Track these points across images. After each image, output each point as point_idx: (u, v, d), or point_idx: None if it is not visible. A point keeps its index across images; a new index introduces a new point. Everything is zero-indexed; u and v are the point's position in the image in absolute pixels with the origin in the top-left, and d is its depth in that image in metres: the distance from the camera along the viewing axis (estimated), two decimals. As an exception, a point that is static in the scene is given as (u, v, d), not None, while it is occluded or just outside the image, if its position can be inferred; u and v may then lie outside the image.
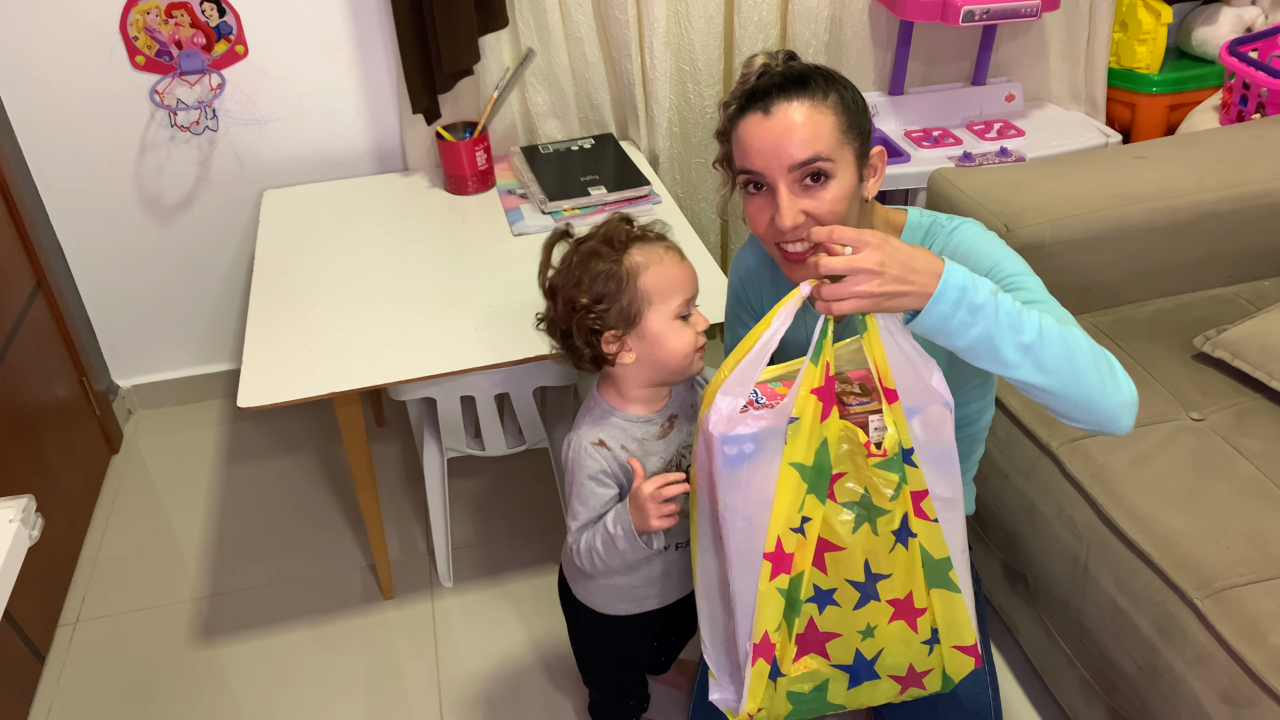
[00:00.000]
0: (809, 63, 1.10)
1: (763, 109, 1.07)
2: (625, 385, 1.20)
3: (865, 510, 1.02)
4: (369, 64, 2.09)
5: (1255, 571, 1.25)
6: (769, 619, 1.04)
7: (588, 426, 1.21)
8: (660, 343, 1.15)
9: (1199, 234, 1.73)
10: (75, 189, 2.09)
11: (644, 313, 1.14)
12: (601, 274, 1.13)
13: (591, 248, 1.15)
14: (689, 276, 1.17)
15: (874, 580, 1.05)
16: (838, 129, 1.06)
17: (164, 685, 1.76)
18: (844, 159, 1.07)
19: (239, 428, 2.36)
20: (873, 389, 1.01)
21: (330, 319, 1.64)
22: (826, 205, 1.08)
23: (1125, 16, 2.40)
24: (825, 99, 1.06)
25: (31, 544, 1.01)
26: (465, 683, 1.74)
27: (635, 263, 1.13)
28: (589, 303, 1.13)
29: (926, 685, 1.13)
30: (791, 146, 1.06)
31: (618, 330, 1.14)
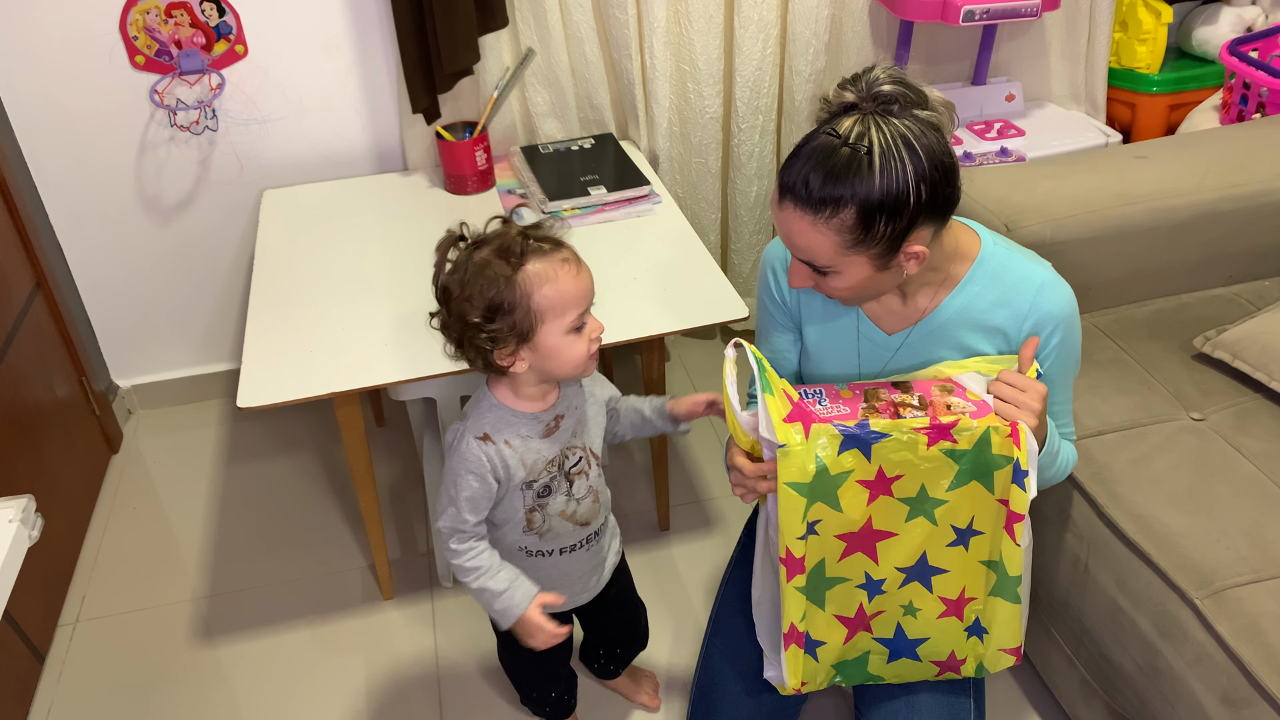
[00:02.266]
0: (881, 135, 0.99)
1: (779, 192, 1.06)
2: (516, 384, 1.20)
3: (921, 503, 1.12)
4: (369, 64, 2.09)
5: (1255, 571, 1.25)
6: (793, 612, 1.17)
7: (474, 419, 1.20)
8: (554, 355, 1.15)
9: (1199, 234, 1.73)
10: (75, 189, 2.09)
11: (537, 329, 1.12)
12: (494, 290, 1.10)
13: (485, 258, 1.11)
14: (584, 289, 1.15)
15: (930, 572, 1.16)
16: (838, 246, 1.03)
17: (164, 685, 1.76)
18: (851, 264, 1.06)
19: (239, 428, 2.36)
20: (930, 403, 1.09)
21: (330, 319, 1.64)
22: (831, 290, 1.12)
23: (1125, 16, 2.40)
24: (830, 219, 1.01)
25: (31, 544, 1.01)
26: (465, 683, 1.74)
27: (529, 278, 1.10)
28: (480, 320, 1.11)
29: (963, 671, 1.23)
30: (791, 246, 1.09)
31: (510, 346, 1.13)
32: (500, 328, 1.11)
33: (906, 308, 1.21)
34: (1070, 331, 1.19)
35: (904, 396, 1.11)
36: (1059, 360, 1.20)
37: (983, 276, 1.18)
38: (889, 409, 1.09)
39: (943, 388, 1.12)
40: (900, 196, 1.00)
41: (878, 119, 1.00)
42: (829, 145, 1.00)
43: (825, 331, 1.28)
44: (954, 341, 1.20)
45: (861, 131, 0.99)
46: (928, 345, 1.22)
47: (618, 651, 1.61)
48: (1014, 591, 1.14)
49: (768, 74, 2.16)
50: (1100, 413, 1.52)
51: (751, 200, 2.30)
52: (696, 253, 1.78)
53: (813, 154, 1.01)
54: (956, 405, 1.09)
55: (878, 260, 1.05)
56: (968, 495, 1.11)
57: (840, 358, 1.28)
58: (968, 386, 1.11)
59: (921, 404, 1.09)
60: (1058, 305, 1.17)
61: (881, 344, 1.24)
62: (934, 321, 1.20)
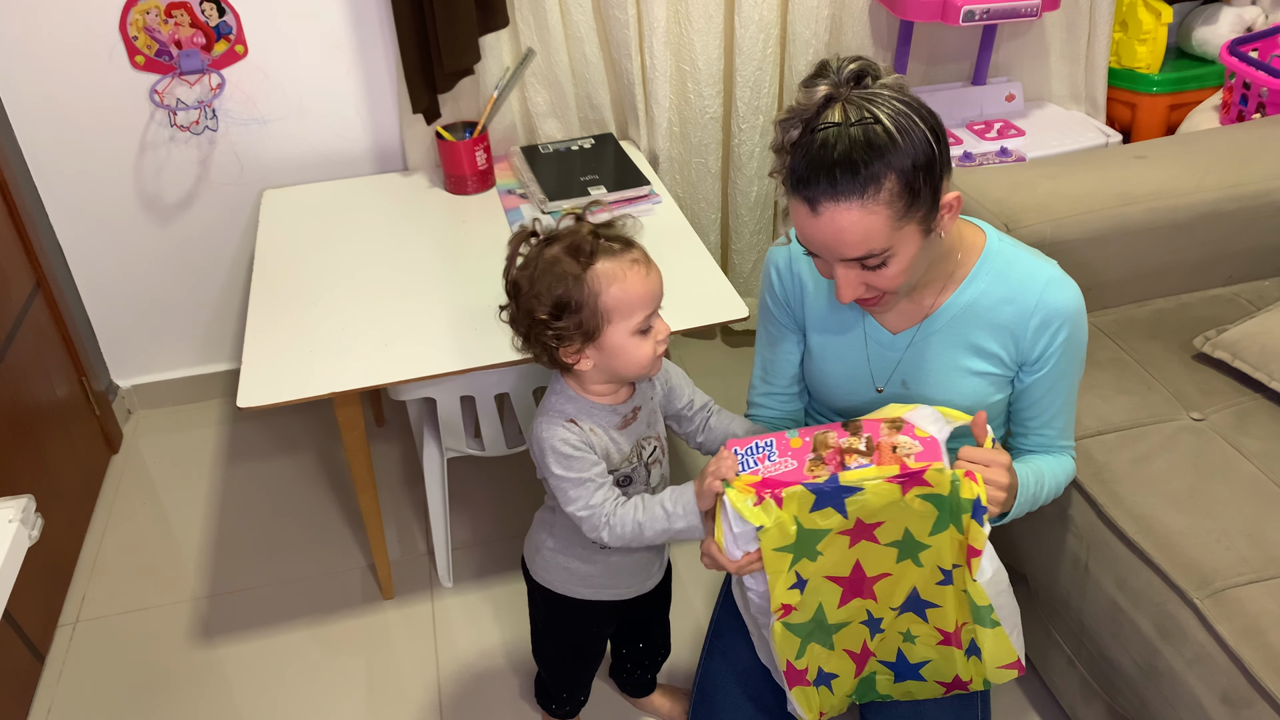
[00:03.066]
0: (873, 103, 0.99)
1: (809, 205, 1.02)
2: (585, 381, 1.20)
3: (908, 547, 1.11)
4: (369, 64, 2.09)
5: (1255, 571, 1.25)
6: (786, 651, 1.17)
7: (556, 408, 1.19)
8: (618, 355, 1.14)
9: (1199, 234, 1.73)
10: (75, 189, 2.09)
11: (604, 329, 1.12)
12: (563, 287, 1.10)
13: (555, 255, 1.11)
14: (653, 290, 1.14)
15: (923, 606, 1.17)
16: (892, 220, 1.01)
17: (164, 685, 1.76)
18: (904, 237, 1.04)
19: (239, 428, 2.36)
20: (877, 445, 1.07)
21: (330, 319, 1.64)
22: (887, 281, 1.08)
23: (1125, 16, 2.40)
24: (878, 194, 0.99)
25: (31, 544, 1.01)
26: (465, 683, 1.74)
27: (598, 278, 1.10)
28: (547, 317, 1.11)
29: (970, 688, 1.23)
30: (842, 248, 1.04)
31: (576, 344, 1.13)
32: (567, 325, 1.11)
33: (912, 305, 1.21)
34: (1076, 329, 1.19)
35: (851, 440, 1.08)
36: (1063, 360, 1.19)
37: (989, 272, 1.18)
38: (835, 457, 1.07)
39: (891, 425, 1.09)
40: (926, 150, 1.00)
41: (861, 96, 1.00)
42: (836, 135, 0.99)
43: (831, 334, 1.27)
44: (963, 341, 1.20)
45: (858, 110, 0.99)
46: (936, 345, 1.21)
47: (641, 648, 1.59)
48: (988, 619, 1.14)
49: (768, 74, 2.16)
50: (1100, 413, 1.52)
51: (751, 200, 2.30)
52: (696, 253, 1.78)
53: (826, 150, 0.99)
54: (903, 445, 1.06)
55: (924, 224, 1.04)
56: (948, 538, 1.10)
57: (848, 360, 1.27)
58: (916, 423, 1.08)
59: (869, 447, 1.07)
60: (1064, 301, 1.17)
61: (888, 344, 1.24)
62: (941, 319, 1.20)
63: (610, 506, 1.18)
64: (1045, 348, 1.18)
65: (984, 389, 1.22)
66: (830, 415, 1.36)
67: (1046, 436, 1.28)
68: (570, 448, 1.16)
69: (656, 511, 1.16)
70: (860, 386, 1.27)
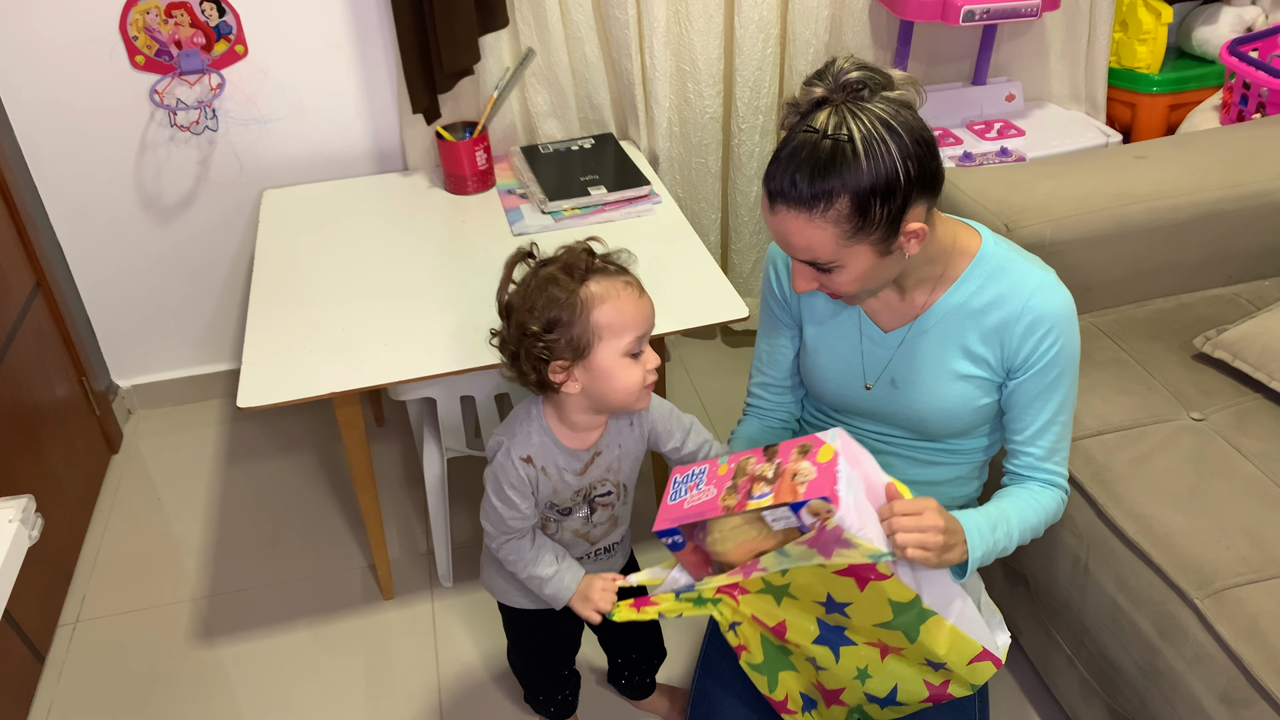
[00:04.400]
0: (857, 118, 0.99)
1: (768, 199, 1.06)
2: (567, 409, 1.19)
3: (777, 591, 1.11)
4: (369, 64, 2.09)
5: (1255, 571, 1.25)
6: (761, 686, 1.21)
7: (521, 438, 1.20)
8: (607, 378, 1.13)
9: (1199, 234, 1.73)
10: (75, 189, 2.09)
11: (593, 346, 1.12)
12: (555, 302, 1.10)
13: (550, 274, 1.12)
14: (644, 314, 1.15)
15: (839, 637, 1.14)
16: (838, 238, 1.03)
17: (164, 685, 1.76)
18: (853, 254, 1.05)
19: (239, 428, 2.36)
20: (780, 474, 1.04)
21: (330, 319, 1.64)
22: (837, 286, 1.10)
23: (1125, 16, 2.40)
24: (826, 211, 1.00)
25: (31, 544, 1.01)
26: (465, 683, 1.74)
27: (591, 294, 1.11)
28: (539, 330, 1.11)
29: (954, 694, 1.18)
30: (789, 249, 1.08)
31: (565, 360, 1.13)
32: (557, 339, 1.11)
33: (904, 303, 1.21)
34: (1064, 337, 1.16)
35: (763, 467, 1.07)
36: (1050, 367, 1.17)
37: (980, 275, 1.18)
38: (747, 485, 1.05)
39: (801, 448, 1.06)
40: (890, 177, 0.99)
41: (851, 107, 1.00)
42: (809, 141, 1.00)
43: (827, 331, 1.28)
44: (951, 342, 1.20)
45: (838, 122, 0.99)
46: (926, 345, 1.21)
47: (634, 658, 1.59)
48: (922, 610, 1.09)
49: (768, 74, 2.16)
50: (1100, 413, 1.52)
51: (751, 200, 2.30)
52: (696, 253, 1.78)
53: (795, 153, 1.01)
54: (801, 472, 1.02)
55: (879, 245, 1.04)
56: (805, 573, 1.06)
57: (841, 356, 1.27)
58: (825, 440, 1.05)
59: (775, 474, 1.04)
60: (1053, 307, 1.15)
61: (880, 342, 1.24)
62: (931, 319, 1.20)
63: (506, 538, 1.25)
64: (1031, 352, 1.16)
65: (970, 392, 1.21)
66: (824, 412, 1.37)
67: (1031, 456, 1.22)
68: (514, 491, 1.20)
69: (541, 571, 1.24)
70: (851, 382, 1.28)
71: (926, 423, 1.24)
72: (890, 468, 1.31)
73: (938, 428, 1.25)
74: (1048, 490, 1.23)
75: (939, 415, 1.23)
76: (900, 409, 1.25)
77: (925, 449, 1.29)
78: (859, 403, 1.29)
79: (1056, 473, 1.24)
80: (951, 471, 1.31)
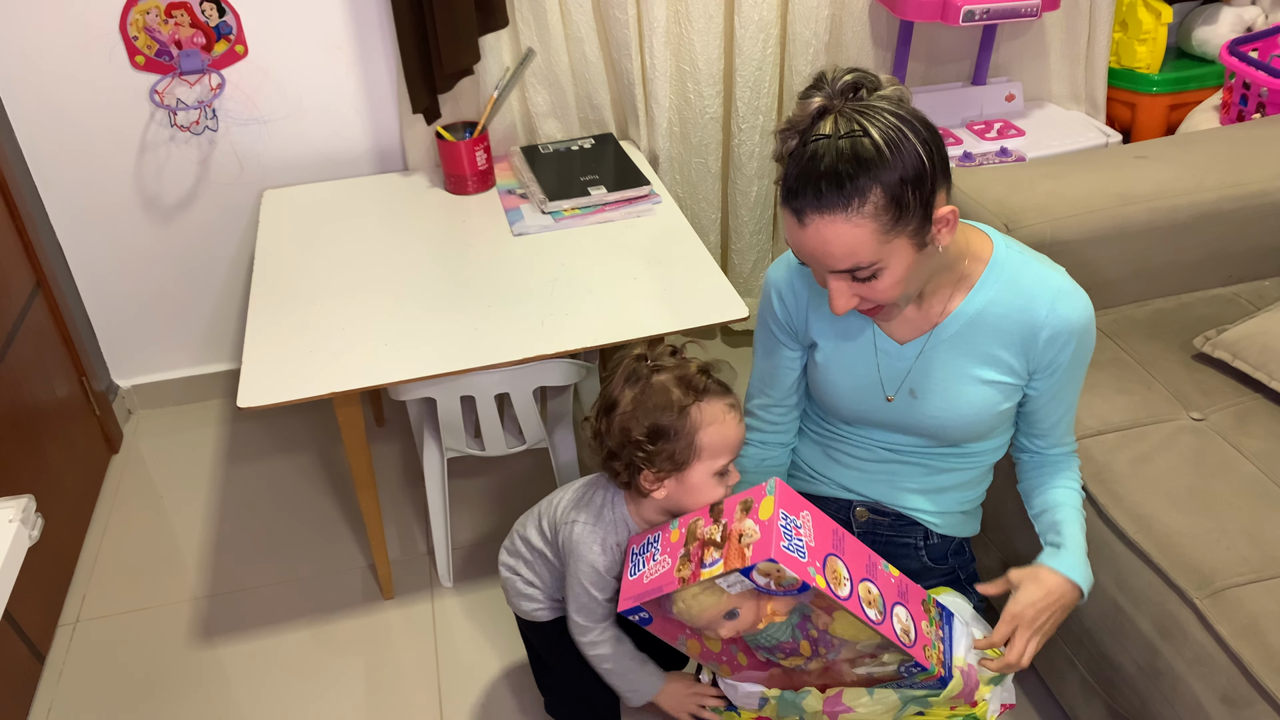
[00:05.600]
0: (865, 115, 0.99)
1: (797, 216, 1.03)
2: (644, 506, 1.22)
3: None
4: (369, 64, 2.09)
5: (1255, 571, 1.25)
6: None
7: (609, 526, 1.23)
8: (693, 493, 1.17)
9: (1199, 234, 1.73)
10: (75, 189, 2.09)
11: (691, 464, 1.15)
12: (666, 415, 1.13)
13: (665, 383, 1.15)
14: (739, 439, 1.19)
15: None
16: (878, 233, 1.01)
17: (164, 685, 1.76)
18: (894, 250, 1.03)
19: (239, 428, 2.36)
20: (729, 534, 1.05)
21: (330, 319, 1.64)
22: (879, 294, 1.08)
23: (1125, 16, 2.40)
24: (862, 206, 0.99)
25: (31, 544, 1.01)
26: (465, 683, 1.74)
27: (701, 415, 1.14)
28: (643, 439, 1.13)
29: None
30: (829, 260, 1.04)
31: (662, 472, 1.15)
32: (659, 451, 1.13)
33: (920, 314, 1.20)
34: (1084, 341, 1.19)
35: (711, 530, 1.08)
36: (1070, 368, 1.20)
37: (998, 280, 1.17)
38: (698, 553, 1.07)
39: (743, 506, 1.07)
40: (915, 162, 1.00)
41: (855, 107, 1.00)
42: (826, 147, 0.99)
43: (839, 345, 1.26)
44: (973, 349, 1.19)
45: (848, 121, 0.99)
46: (945, 354, 1.21)
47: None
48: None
49: (768, 74, 2.16)
50: (1100, 413, 1.52)
51: (751, 200, 2.30)
52: (696, 253, 1.78)
53: (815, 161, 1.00)
54: (747, 533, 1.03)
55: (916, 238, 1.04)
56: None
57: (856, 370, 1.26)
58: (766, 493, 1.06)
59: (722, 537, 1.06)
60: (1075, 314, 1.17)
61: (895, 354, 1.23)
62: (950, 328, 1.19)
63: (602, 627, 1.26)
64: (1055, 357, 1.19)
65: (993, 398, 1.21)
66: (835, 425, 1.36)
67: (1052, 437, 1.30)
68: (606, 573, 1.22)
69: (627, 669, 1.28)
70: (869, 395, 1.27)
71: (947, 430, 1.24)
72: (902, 476, 1.31)
73: (958, 434, 1.25)
74: (1070, 465, 1.31)
75: (960, 422, 1.23)
76: (921, 418, 1.25)
77: (939, 455, 1.29)
78: (878, 415, 1.28)
79: (1070, 441, 1.32)
80: (962, 476, 1.32)
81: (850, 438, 1.33)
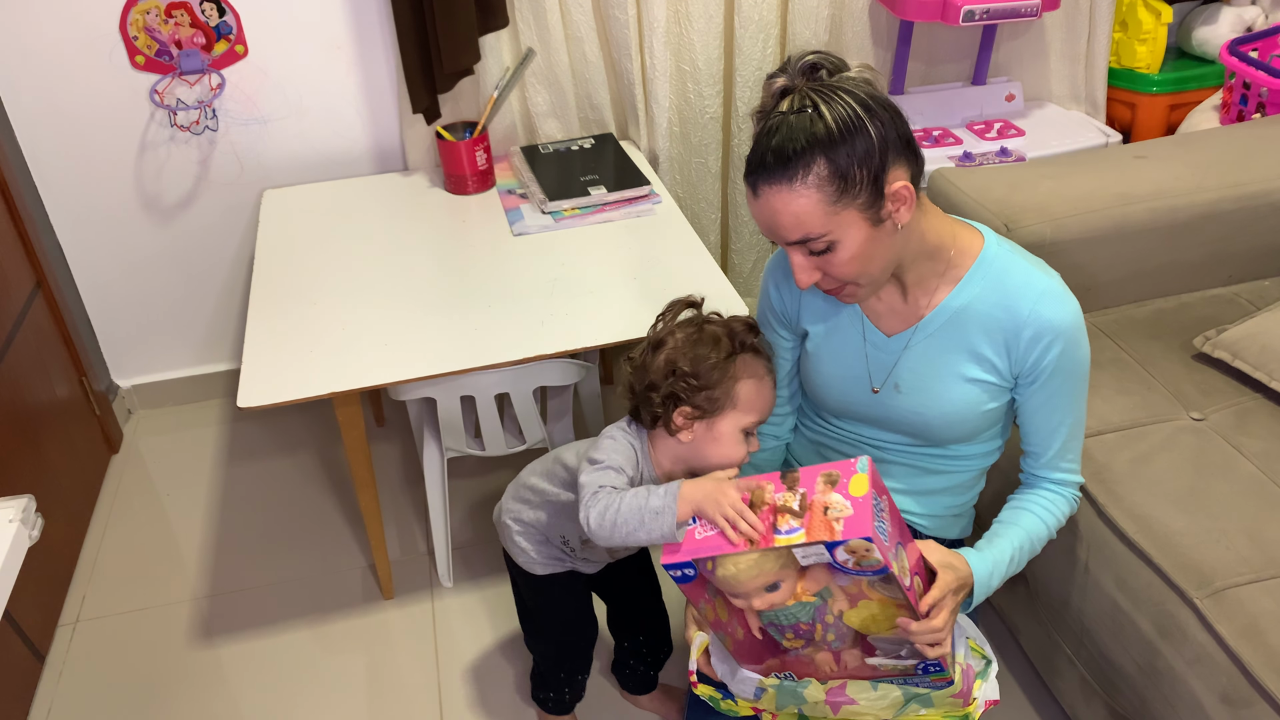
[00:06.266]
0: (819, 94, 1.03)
1: (751, 187, 1.08)
2: (661, 452, 1.23)
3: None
4: (369, 64, 2.09)
5: (1255, 571, 1.25)
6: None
7: (635, 449, 1.22)
8: (717, 443, 1.18)
9: (1199, 234, 1.73)
10: (75, 189, 2.09)
11: (724, 411, 1.17)
12: (712, 355, 1.16)
13: (715, 332, 1.19)
14: (771, 404, 1.22)
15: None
16: (823, 203, 1.04)
17: (164, 685, 1.76)
18: (844, 223, 1.05)
19: (239, 428, 2.36)
20: (810, 505, 1.01)
21: (330, 319, 1.64)
22: (838, 267, 1.10)
23: (1125, 16, 2.40)
24: (805, 177, 1.03)
25: (31, 544, 1.01)
26: (465, 683, 1.74)
27: (742, 366, 1.18)
28: (688, 371, 1.16)
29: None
30: (780, 230, 1.09)
31: (696, 411, 1.17)
32: (699, 388, 1.16)
33: (906, 305, 1.21)
34: (1071, 345, 1.16)
35: (786, 497, 1.02)
36: (1058, 375, 1.17)
37: (984, 276, 1.18)
38: (769, 517, 1.02)
39: (827, 478, 1.01)
40: (860, 134, 1.02)
41: (811, 86, 1.05)
42: (779, 123, 1.04)
43: (829, 336, 1.27)
44: (958, 345, 1.19)
45: (802, 98, 1.04)
46: (932, 349, 1.21)
47: (642, 641, 1.59)
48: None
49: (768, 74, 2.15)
50: (1100, 413, 1.51)
51: (751, 200, 2.30)
52: (696, 253, 1.78)
53: (768, 137, 1.05)
54: (834, 506, 0.98)
55: (867, 212, 1.05)
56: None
57: (844, 360, 1.27)
58: (857, 470, 1.00)
59: (801, 506, 1.01)
60: (1058, 316, 1.15)
61: (882, 346, 1.24)
62: (935, 322, 1.20)
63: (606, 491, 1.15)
64: (1038, 361, 1.17)
65: (977, 397, 1.21)
66: (824, 419, 1.36)
67: (1043, 458, 1.24)
68: (620, 456, 1.19)
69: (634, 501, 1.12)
70: (855, 387, 1.27)
71: (931, 427, 1.24)
72: (890, 475, 1.31)
73: (942, 432, 1.25)
74: (1057, 495, 1.25)
75: (943, 419, 1.23)
76: (905, 414, 1.25)
77: (926, 455, 1.29)
78: (862, 409, 1.28)
79: (1067, 470, 1.26)
80: (950, 480, 1.31)
81: (841, 435, 1.34)
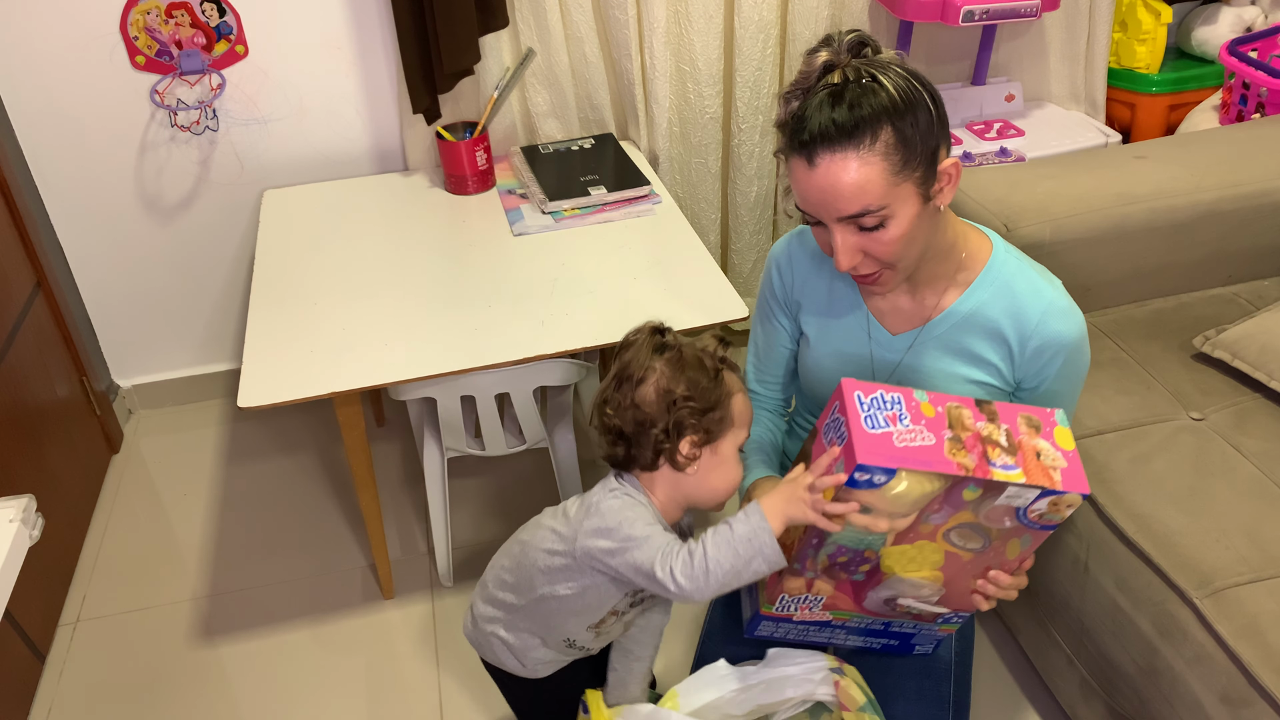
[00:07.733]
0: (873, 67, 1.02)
1: (806, 158, 1.03)
2: (657, 494, 1.15)
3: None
4: (369, 64, 2.09)
5: (1255, 571, 1.25)
6: None
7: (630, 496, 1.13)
8: (722, 466, 1.13)
9: (1199, 234, 1.73)
10: (75, 189, 2.09)
11: (725, 434, 1.13)
12: (705, 379, 1.11)
13: (693, 354, 1.13)
14: (752, 416, 1.19)
15: None
16: (888, 173, 1.02)
17: (164, 685, 1.76)
18: (901, 196, 1.04)
19: (239, 428, 2.36)
20: (1019, 446, 0.94)
21: (330, 319, 1.64)
22: (883, 246, 1.08)
23: (1125, 16, 2.40)
24: (874, 145, 1.00)
25: (31, 544, 1.01)
26: (465, 683, 1.74)
27: (730, 382, 1.14)
28: (688, 395, 1.09)
29: None
30: (838, 201, 1.04)
31: (700, 437, 1.11)
32: (703, 412, 1.10)
33: (914, 304, 1.21)
34: (1074, 356, 1.18)
35: (990, 429, 0.95)
36: (1058, 382, 1.19)
37: (993, 283, 1.18)
38: (976, 444, 0.93)
39: (1028, 421, 0.95)
40: (922, 107, 1.02)
41: (862, 63, 1.03)
42: (835, 90, 1.02)
43: (831, 327, 1.27)
44: (962, 348, 1.20)
45: (856, 70, 1.03)
46: (936, 351, 1.21)
47: None
48: None
49: (768, 74, 2.16)
50: (1100, 413, 1.52)
51: (751, 200, 2.30)
52: (696, 253, 1.78)
53: (825, 103, 1.01)
54: (1046, 454, 0.92)
55: (921, 187, 1.04)
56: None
57: (846, 354, 1.27)
58: (1056, 421, 0.96)
59: (1010, 445, 0.94)
60: (1064, 331, 1.16)
61: (887, 345, 1.24)
62: (942, 325, 1.20)
63: (675, 546, 1.07)
64: (1039, 372, 1.18)
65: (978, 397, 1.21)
66: (817, 413, 1.36)
67: None
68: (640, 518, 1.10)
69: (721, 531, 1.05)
70: None
71: None
72: None
73: None
74: None
75: None
76: None
77: None
78: None
79: None
80: None
81: None
